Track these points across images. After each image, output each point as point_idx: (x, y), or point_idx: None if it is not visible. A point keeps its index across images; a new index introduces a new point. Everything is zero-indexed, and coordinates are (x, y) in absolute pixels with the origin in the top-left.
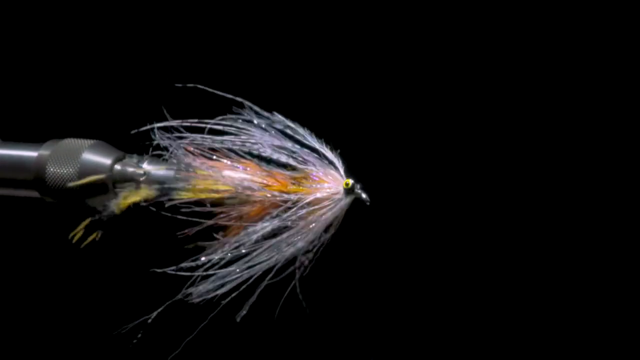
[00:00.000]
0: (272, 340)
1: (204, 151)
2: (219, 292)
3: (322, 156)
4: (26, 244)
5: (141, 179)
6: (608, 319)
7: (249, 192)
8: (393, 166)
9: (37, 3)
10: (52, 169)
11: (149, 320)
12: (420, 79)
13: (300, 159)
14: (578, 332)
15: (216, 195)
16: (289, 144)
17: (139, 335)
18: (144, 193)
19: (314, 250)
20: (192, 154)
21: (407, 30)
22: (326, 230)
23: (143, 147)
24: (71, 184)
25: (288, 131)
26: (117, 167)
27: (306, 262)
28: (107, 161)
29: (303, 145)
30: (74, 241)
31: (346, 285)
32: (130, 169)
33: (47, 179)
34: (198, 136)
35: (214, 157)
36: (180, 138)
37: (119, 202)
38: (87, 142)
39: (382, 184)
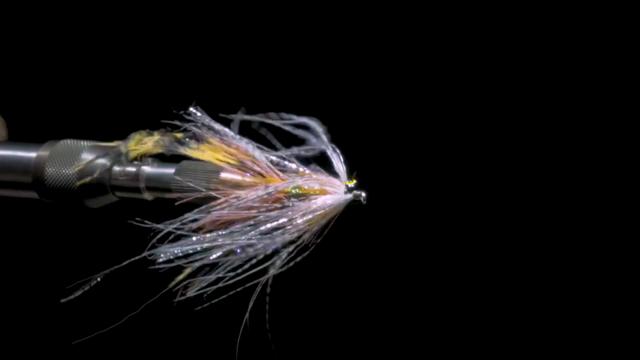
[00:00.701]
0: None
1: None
2: (187, 260)
3: (327, 156)
4: (26, 244)
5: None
6: (608, 319)
7: (250, 170)
8: (394, 167)
9: (37, 3)
10: (50, 170)
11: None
12: (420, 80)
13: (306, 156)
14: (578, 332)
15: (220, 162)
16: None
17: (83, 289)
18: (155, 141)
19: (302, 243)
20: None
21: (407, 31)
22: (316, 227)
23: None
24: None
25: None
26: (116, 167)
27: (285, 257)
28: (106, 162)
29: (311, 143)
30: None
31: (342, 285)
32: (130, 169)
33: (45, 180)
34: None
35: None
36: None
37: (128, 145)
38: (87, 142)
39: (382, 186)
